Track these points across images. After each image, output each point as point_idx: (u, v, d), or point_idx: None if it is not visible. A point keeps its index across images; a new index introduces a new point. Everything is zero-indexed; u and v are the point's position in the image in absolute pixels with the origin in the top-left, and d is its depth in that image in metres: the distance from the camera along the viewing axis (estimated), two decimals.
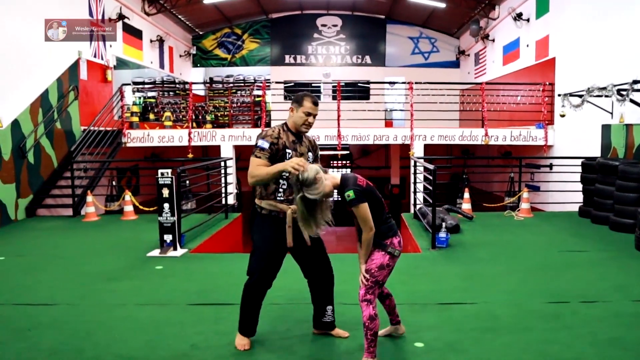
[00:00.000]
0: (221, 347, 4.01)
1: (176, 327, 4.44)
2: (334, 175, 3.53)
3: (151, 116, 16.42)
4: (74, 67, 12.66)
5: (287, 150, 3.77)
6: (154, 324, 4.53)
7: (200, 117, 17.25)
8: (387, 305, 4.02)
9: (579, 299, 5.07)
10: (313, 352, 3.95)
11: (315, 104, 3.84)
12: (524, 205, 9.97)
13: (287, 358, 3.85)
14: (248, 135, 13.11)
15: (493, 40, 17.29)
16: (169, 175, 7.17)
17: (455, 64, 21.92)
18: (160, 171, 7.20)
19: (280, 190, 3.79)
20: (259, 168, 3.67)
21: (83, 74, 13.10)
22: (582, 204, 9.77)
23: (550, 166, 11.90)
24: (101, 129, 12.52)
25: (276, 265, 3.88)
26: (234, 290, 5.41)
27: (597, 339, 4.11)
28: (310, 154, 3.93)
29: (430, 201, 7.82)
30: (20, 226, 9.78)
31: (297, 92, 16.63)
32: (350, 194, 3.42)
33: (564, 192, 10.70)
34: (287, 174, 3.67)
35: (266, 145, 3.71)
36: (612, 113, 9.54)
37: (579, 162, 9.98)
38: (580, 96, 9.24)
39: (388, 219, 3.66)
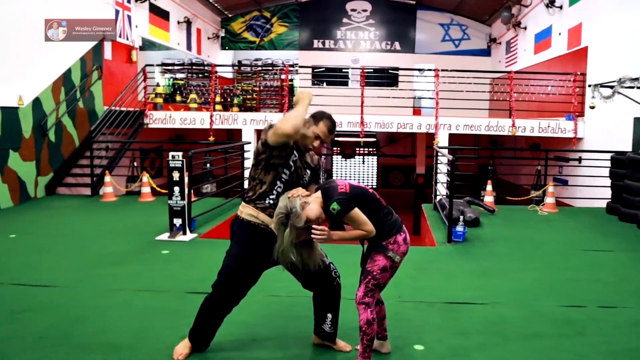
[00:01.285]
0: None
1: (170, 316, 4.31)
2: (316, 195, 3.23)
3: (178, 98, 16.39)
4: (98, 47, 12.63)
5: (293, 159, 3.43)
6: (147, 311, 4.41)
7: (227, 100, 17.14)
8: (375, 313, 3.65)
9: (597, 304, 4.77)
10: (307, 353, 3.76)
11: (331, 131, 3.46)
12: (549, 200, 9.61)
13: (279, 356, 3.68)
14: (270, 119, 12.95)
15: (525, 28, 16.74)
16: (180, 158, 7.05)
17: (486, 52, 21.35)
18: (171, 154, 7.10)
19: (274, 192, 3.40)
20: (287, 115, 3.30)
21: (107, 54, 13.08)
22: (610, 200, 9.37)
23: (579, 160, 11.46)
24: (123, 109, 12.49)
25: (249, 284, 3.55)
26: None
27: (612, 349, 3.82)
28: (308, 171, 3.56)
29: (452, 193, 7.55)
30: (38, 204, 9.83)
31: (324, 77, 16.44)
32: (334, 206, 3.10)
33: (593, 187, 10.28)
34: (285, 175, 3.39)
35: None
36: None
37: (608, 156, 9.57)
38: (611, 87, 8.81)
39: (387, 214, 3.34)
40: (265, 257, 3.38)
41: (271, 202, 3.39)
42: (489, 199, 9.75)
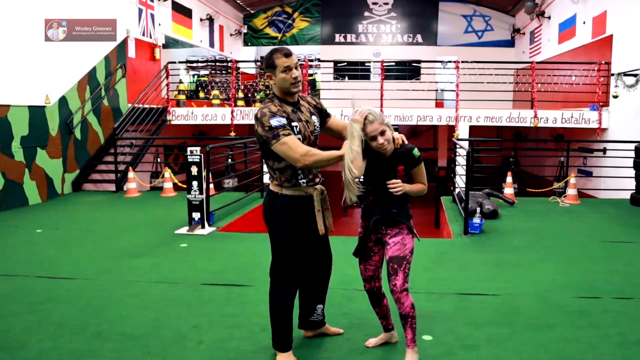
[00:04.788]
0: (221, 328, 3.94)
1: (184, 306, 4.40)
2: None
3: (201, 94, 16.56)
4: (122, 46, 12.84)
5: (294, 124, 3.18)
6: (163, 302, 4.51)
7: (250, 96, 17.26)
8: (383, 306, 3.58)
9: (613, 295, 4.71)
10: (313, 349, 3.77)
11: (288, 55, 3.19)
12: (571, 191, 9.48)
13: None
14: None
15: (549, 18, 16.46)
16: (198, 153, 7.15)
17: (510, 43, 21.06)
18: (189, 149, 7.21)
19: (299, 172, 3.25)
20: (312, 149, 3.10)
21: (131, 52, 13.28)
22: (634, 191, 9.21)
23: (604, 150, 11.27)
24: (147, 106, 12.68)
25: (307, 259, 3.42)
26: (251, 271, 5.40)
27: (625, 340, 3.78)
28: (314, 117, 3.35)
29: (469, 184, 7.51)
30: (65, 200, 10.07)
31: (346, 71, 16.42)
32: (416, 152, 3.17)
33: (617, 178, 10.11)
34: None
35: (284, 120, 3.12)
36: None
37: (632, 146, 9.40)
38: (635, 75, 8.66)
39: None
40: (313, 229, 3.33)
41: (303, 181, 3.29)
42: (509, 190, 9.66)
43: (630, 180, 9.48)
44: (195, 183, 7.18)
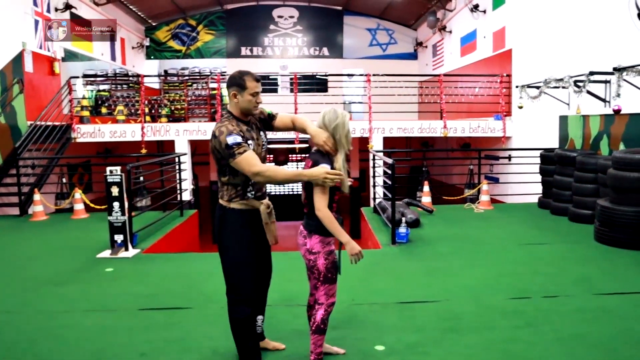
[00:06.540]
0: (171, 354, 3.78)
1: (125, 334, 4.17)
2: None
3: (103, 110, 15.86)
4: (18, 59, 12.06)
5: (249, 142, 3.33)
6: (101, 331, 4.25)
7: (155, 111, 16.78)
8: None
9: (541, 294, 5.00)
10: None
11: (258, 80, 3.41)
12: (484, 198, 9.96)
13: None
14: (203, 129, 12.74)
15: (450, 32, 17.29)
16: (119, 172, 6.83)
17: (413, 56, 21.91)
18: (108, 169, 6.85)
19: (249, 186, 3.38)
20: (270, 166, 3.28)
21: (28, 66, 12.49)
22: (541, 195, 9.81)
23: (509, 157, 11.94)
24: (49, 123, 11.98)
25: (257, 271, 3.48)
26: (188, 293, 5.22)
27: (561, 336, 4.03)
28: (262, 133, 3.56)
29: (390, 195, 7.68)
30: None
31: None
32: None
33: (523, 183, 10.74)
34: None
35: (240, 139, 3.24)
36: (569, 104, 9.58)
37: (537, 153, 10.02)
38: (538, 87, 9.25)
39: None
40: (263, 241, 3.48)
41: (252, 195, 3.41)
42: (426, 199, 9.98)
43: (536, 185, 10.10)
44: (117, 204, 6.84)
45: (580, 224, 8.07)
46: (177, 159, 10.13)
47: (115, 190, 6.85)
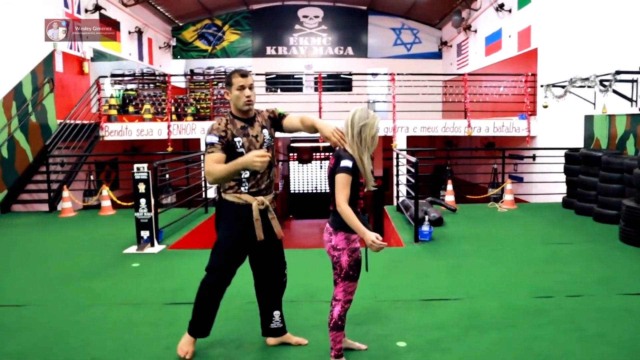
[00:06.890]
0: (196, 348, 3.85)
1: (151, 328, 4.27)
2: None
3: (131, 109, 16.15)
4: (49, 60, 12.36)
5: (236, 139, 3.47)
6: (128, 324, 4.36)
7: (181, 110, 17.00)
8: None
9: (564, 293, 4.97)
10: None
11: (244, 75, 3.50)
12: (508, 197, 9.91)
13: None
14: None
15: (475, 31, 17.21)
16: (145, 170, 6.97)
17: (438, 55, 21.83)
18: (136, 166, 7.00)
19: (244, 180, 3.51)
20: (214, 165, 3.37)
21: (58, 66, 12.79)
22: (565, 195, 9.73)
23: (534, 157, 11.85)
24: (78, 122, 12.25)
25: (238, 262, 3.63)
26: None
27: (583, 335, 4.01)
28: (265, 130, 3.61)
29: (413, 194, 7.70)
30: None
31: (278, 84, 16.56)
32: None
33: (548, 183, 10.66)
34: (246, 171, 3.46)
35: (215, 139, 3.40)
36: (594, 104, 9.48)
37: (562, 153, 9.93)
38: (563, 87, 9.17)
39: None
40: (251, 235, 3.55)
41: (245, 189, 3.55)
42: (449, 198, 9.97)
43: (560, 184, 10.01)
44: (143, 200, 6.97)
45: (605, 224, 7.99)
46: (202, 157, 10.26)
47: (142, 187, 6.99)
